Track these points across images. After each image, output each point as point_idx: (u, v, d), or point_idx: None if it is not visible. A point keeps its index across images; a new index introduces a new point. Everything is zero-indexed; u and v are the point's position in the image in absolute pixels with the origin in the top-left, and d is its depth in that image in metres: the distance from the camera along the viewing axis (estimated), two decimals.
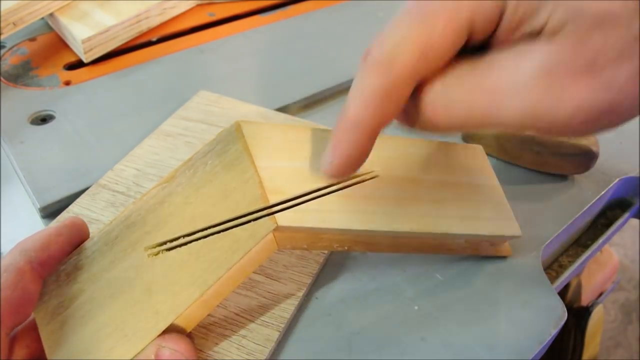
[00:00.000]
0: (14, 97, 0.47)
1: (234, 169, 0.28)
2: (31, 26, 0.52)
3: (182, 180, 0.29)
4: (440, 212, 0.31)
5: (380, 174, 0.30)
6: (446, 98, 0.24)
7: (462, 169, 0.33)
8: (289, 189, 0.27)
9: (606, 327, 1.13)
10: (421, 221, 0.30)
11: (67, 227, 0.29)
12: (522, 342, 0.31)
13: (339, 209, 0.28)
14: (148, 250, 0.27)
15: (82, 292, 0.27)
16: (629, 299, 1.19)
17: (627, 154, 0.45)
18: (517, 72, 0.22)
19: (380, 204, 0.29)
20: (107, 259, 0.28)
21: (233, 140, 0.28)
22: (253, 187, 0.27)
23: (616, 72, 0.21)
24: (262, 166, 0.28)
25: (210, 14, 0.60)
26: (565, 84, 0.22)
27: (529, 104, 0.22)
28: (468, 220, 0.31)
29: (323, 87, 0.49)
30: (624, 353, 1.10)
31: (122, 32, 0.53)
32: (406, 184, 0.31)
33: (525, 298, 0.33)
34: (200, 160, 0.29)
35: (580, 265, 0.41)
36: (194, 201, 0.28)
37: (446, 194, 0.32)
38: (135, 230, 0.28)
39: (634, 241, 1.26)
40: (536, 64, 0.22)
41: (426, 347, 0.30)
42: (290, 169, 0.28)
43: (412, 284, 0.34)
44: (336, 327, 0.31)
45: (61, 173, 0.40)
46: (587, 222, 0.44)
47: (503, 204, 0.33)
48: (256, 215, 0.26)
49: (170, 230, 0.27)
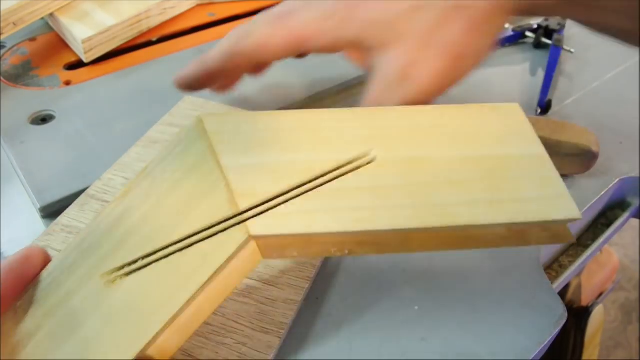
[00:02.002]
0: (14, 97, 0.47)
1: (196, 173, 0.24)
2: (31, 26, 0.52)
3: (138, 193, 0.25)
4: (461, 197, 0.25)
5: (379, 155, 0.25)
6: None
7: (491, 138, 0.27)
8: (262, 190, 0.23)
9: (606, 327, 1.13)
10: (437, 212, 0.24)
11: (18, 261, 0.26)
12: (522, 342, 0.31)
13: (326, 207, 0.24)
14: (104, 278, 0.24)
15: (40, 328, 0.24)
16: (629, 299, 1.19)
17: (627, 154, 0.45)
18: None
19: (381, 196, 0.24)
20: (63, 290, 0.24)
21: (195, 139, 0.25)
22: (220, 192, 0.23)
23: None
24: (229, 165, 0.24)
25: (210, 14, 0.60)
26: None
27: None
28: (502, 204, 0.25)
29: (323, 87, 0.49)
30: (624, 353, 1.10)
31: (122, 32, 0.53)
32: (413, 165, 0.25)
33: (525, 298, 0.33)
34: (158, 167, 0.25)
35: (580, 265, 0.41)
36: (152, 216, 0.24)
37: (469, 172, 0.25)
38: (90, 256, 0.24)
39: (634, 241, 1.26)
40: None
41: (426, 347, 0.30)
42: (264, 165, 0.24)
43: (412, 284, 0.34)
44: (336, 327, 0.31)
45: (61, 173, 0.40)
46: (587, 222, 0.44)
47: (552, 177, 0.26)
48: (224, 225, 0.23)
49: (128, 251, 0.24)
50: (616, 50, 0.59)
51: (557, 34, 0.57)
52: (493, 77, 0.54)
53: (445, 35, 0.31)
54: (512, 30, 0.58)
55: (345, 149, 0.25)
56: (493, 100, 0.51)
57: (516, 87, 0.53)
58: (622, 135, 0.47)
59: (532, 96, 0.51)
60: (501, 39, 0.57)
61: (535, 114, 0.49)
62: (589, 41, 0.60)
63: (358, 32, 0.32)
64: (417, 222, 0.24)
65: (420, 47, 0.31)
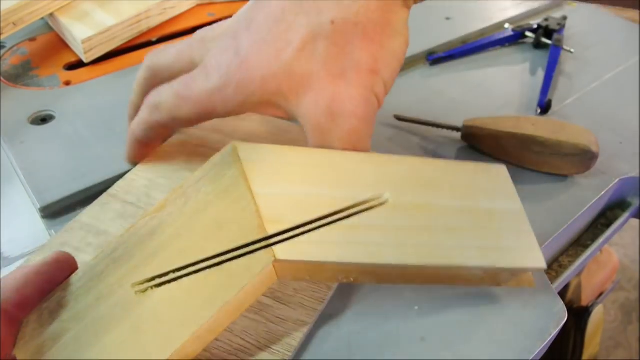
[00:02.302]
0: (14, 97, 0.47)
1: (229, 197, 0.26)
2: (31, 26, 0.52)
3: (173, 210, 0.26)
4: (455, 242, 0.28)
5: (390, 199, 0.28)
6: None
7: (482, 193, 0.31)
8: (288, 218, 0.25)
9: (606, 327, 1.12)
10: (434, 253, 0.27)
11: (48, 264, 0.27)
12: (522, 342, 0.31)
13: (342, 240, 0.26)
14: (135, 287, 0.25)
15: (67, 332, 0.25)
16: (629, 299, 1.19)
17: (627, 154, 0.45)
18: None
19: (389, 235, 0.27)
20: (93, 296, 0.25)
21: (228, 165, 0.26)
22: (250, 216, 0.25)
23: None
24: (260, 193, 0.26)
25: (210, 14, 0.60)
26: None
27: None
28: (486, 250, 0.29)
29: None
30: (624, 353, 1.10)
31: (122, 32, 0.53)
32: (419, 210, 0.28)
33: (525, 298, 0.33)
34: (193, 187, 0.27)
35: (580, 265, 0.41)
36: (185, 232, 0.26)
37: (463, 221, 0.29)
38: (122, 265, 0.26)
39: (634, 241, 1.26)
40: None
41: (426, 347, 0.30)
42: (291, 195, 0.26)
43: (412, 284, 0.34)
44: (336, 327, 0.31)
45: (61, 173, 0.40)
46: (587, 222, 0.44)
47: (526, 232, 0.31)
48: (252, 247, 0.25)
49: (160, 264, 0.25)
50: (616, 50, 0.59)
51: (557, 34, 0.57)
52: (493, 77, 0.54)
53: (351, 56, 0.29)
54: (512, 30, 0.58)
55: (362, 190, 0.28)
56: (493, 100, 0.51)
57: (516, 87, 0.53)
58: (622, 135, 0.47)
59: (532, 96, 0.51)
60: (501, 39, 0.57)
61: (535, 114, 0.49)
62: (589, 41, 0.60)
63: (262, 93, 0.30)
64: (418, 260, 0.27)
65: (332, 80, 0.29)
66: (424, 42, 0.56)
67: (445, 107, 0.49)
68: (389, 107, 0.48)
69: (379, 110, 0.31)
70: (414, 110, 0.47)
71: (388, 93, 0.31)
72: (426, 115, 0.46)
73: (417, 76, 0.53)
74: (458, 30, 0.59)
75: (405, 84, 0.52)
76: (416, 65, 0.55)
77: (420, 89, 0.52)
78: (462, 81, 0.53)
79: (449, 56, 0.55)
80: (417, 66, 0.55)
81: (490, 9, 0.63)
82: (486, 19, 0.61)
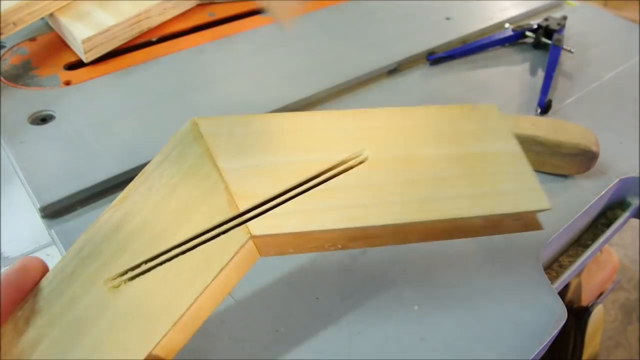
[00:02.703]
0: (14, 97, 0.47)
1: (195, 176, 0.25)
2: (31, 26, 0.52)
3: (137, 198, 0.25)
4: (447, 193, 0.26)
5: (370, 155, 0.27)
6: None
7: (471, 136, 0.29)
8: (261, 191, 0.24)
9: (606, 327, 1.13)
10: (424, 208, 0.26)
11: (16, 272, 0.26)
12: (522, 342, 0.31)
13: (323, 206, 0.25)
14: (108, 283, 0.24)
15: (44, 338, 0.24)
16: (629, 299, 1.19)
17: (627, 154, 0.45)
18: None
19: (372, 194, 0.26)
20: (66, 298, 0.24)
21: (190, 143, 0.25)
22: (219, 194, 0.24)
23: None
24: (227, 168, 0.24)
25: (211, 14, 0.60)
26: None
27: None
28: (483, 197, 0.27)
29: (323, 87, 0.49)
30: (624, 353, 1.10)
31: (122, 32, 0.53)
32: (402, 164, 0.27)
33: (525, 298, 0.33)
34: (155, 172, 0.25)
35: (580, 265, 0.41)
36: (153, 220, 0.24)
37: (453, 169, 0.27)
38: (92, 263, 0.25)
39: (634, 241, 1.26)
40: None
41: (426, 347, 0.30)
42: (261, 167, 0.25)
43: (412, 284, 0.34)
44: (336, 327, 0.31)
45: (61, 173, 0.40)
46: (587, 222, 0.44)
47: (525, 172, 0.29)
48: (226, 227, 0.24)
49: (130, 256, 0.24)
50: (616, 50, 0.59)
51: (557, 33, 0.57)
52: (493, 77, 0.54)
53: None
54: (512, 30, 0.58)
55: (338, 150, 0.26)
56: (493, 100, 0.51)
57: (516, 87, 0.53)
58: (622, 135, 0.47)
59: (532, 96, 0.51)
60: (501, 39, 0.57)
61: (535, 114, 0.49)
62: (589, 41, 0.60)
63: None
64: (407, 217, 0.25)
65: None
66: (424, 42, 0.56)
67: None
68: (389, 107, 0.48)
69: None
70: None
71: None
72: None
73: (417, 76, 0.53)
74: (458, 30, 0.59)
75: (405, 84, 0.52)
76: (416, 65, 0.55)
77: (420, 89, 0.52)
78: (462, 81, 0.53)
79: (449, 56, 0.55)
80: (417, 66, 0.55)
81: (490, 9, 0.64)
82: (486, 19, 0.61)
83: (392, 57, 0.54)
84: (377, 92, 0.51)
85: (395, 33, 0.58)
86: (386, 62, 0.53)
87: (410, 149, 0.27)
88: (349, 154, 0.26)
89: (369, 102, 0.49)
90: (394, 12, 0.61)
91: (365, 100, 0.50)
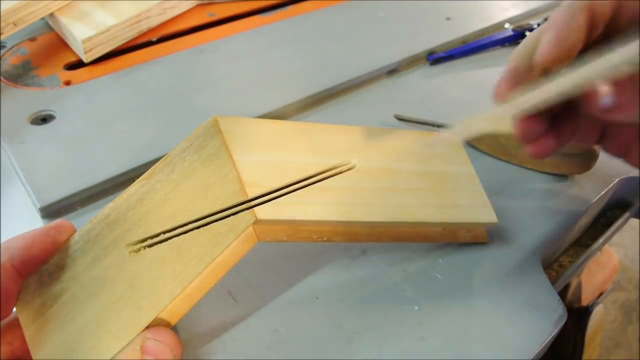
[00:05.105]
0: (14, 97, 0.47)
1: (212, 164, 0.28)
2: (31, 26, 0.52)
3: (161, 177, 0.29)
4: (417, 201, 0.32)
5: (358, 164, 0.31)
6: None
7: (438, 158, 0.34)
8: (267, 183, 0.28)
9: (606, 327, 1.13)
10: (398, 211, 0.31)
11: (53, 228, 0.29)
12: (522, 342, 0.31)
13: (316, 201, 0.29)
14: (129, 247, 0.27)
15: (65, 291, 0.27)
16: (629, 299, 1.19)
17: None
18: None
19: (358, 195, 0.30)
20: (89, 257, 0.28)
21: (210, 136, 0.29)
22: (232, 181, 0.27)
23: None
24: (240, 160, 0.28)
25: (210, 14, 0.60)
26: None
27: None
28: (445, 208, 0.32)
29: (323, 87, 0.49)
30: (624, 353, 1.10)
31: (122, 32, 0.53)
32: (383, 174, 0.31)
33: (525, 298, 0.33)
34: (179, 156, 0.29)
35: (580, 265, 0.41)
36: (173, 197, 0.28)
37: (423, 183, 0.32)
38: (116, 228, 0.28)
39: (634, 241, 1.26)
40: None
41: (426, 347, 0.30)
42: (268, 162, 0.29)
43: (412, 284, 0.34)
44: (336, 327, 0.31)
45: (61, 173, 0.40)
46: (587, 222, 0.44)
47: (479, 192, 0.34)
48: (236, 209, 0.27)
49: (151, 226, 0.28)
50: None
51: None
52: (493, 77, 0.54)
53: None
54: (512, 30, 0.58)
55: (332, 157, 0.31)
56: None
57: None
58: None
59: None
60: (501, 39, 0.57)
61: None
62: None
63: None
64: (384, 217, 0.30)
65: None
66: (424, 42, 0.56)
67: (445, 107, 0.49)
68: (389, 107, 0.48)
69: (378, 111, 0.31)
70: (414, 110, 0.47)
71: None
72: (426, 115, 0.46)
73: (417, 76, 0.53)
74: (458, 30, 0.59)
75: (405, 84, 0.52)
76: (416, 65, 0.55)
77: (420, 89, 0.52)
78: (462, 81, 0.53)
79: (449, 56, 0.55)
80: (417, 66, 0.55)
81: (490, 9, 0.64)
82: (486, 19, 0.61)
83: (392, 57, 0.54)
84: (377, 92, 0.51)
85: (395, 33, 0.58)
86: (386, 62, 0.53)
87: (390, 162, 0.32)
88: (340, 161, 0.31)
89: (369, 102, 0.49)
90: (394, 12, 0.61)
91: (365, 100, 0.50)
